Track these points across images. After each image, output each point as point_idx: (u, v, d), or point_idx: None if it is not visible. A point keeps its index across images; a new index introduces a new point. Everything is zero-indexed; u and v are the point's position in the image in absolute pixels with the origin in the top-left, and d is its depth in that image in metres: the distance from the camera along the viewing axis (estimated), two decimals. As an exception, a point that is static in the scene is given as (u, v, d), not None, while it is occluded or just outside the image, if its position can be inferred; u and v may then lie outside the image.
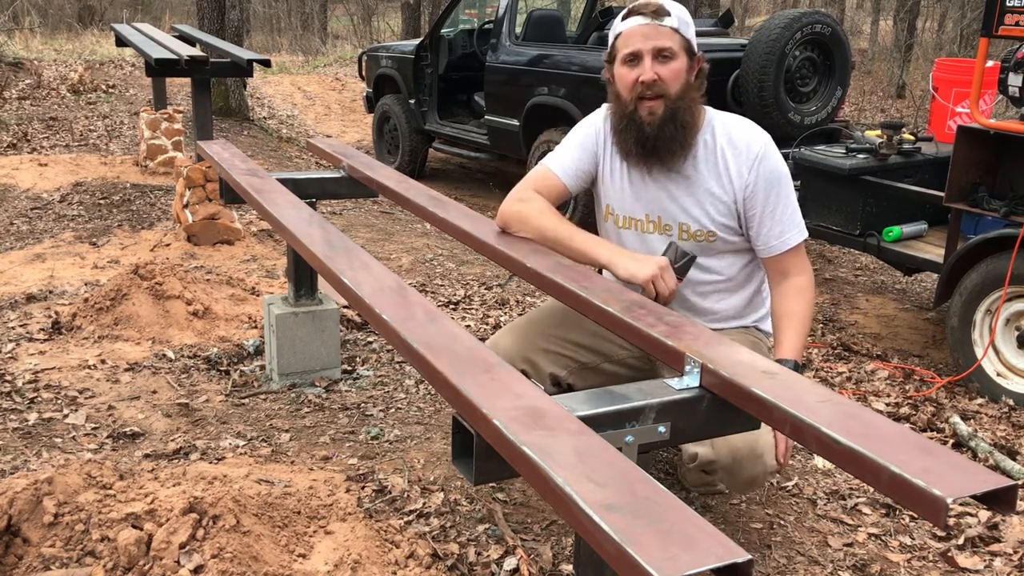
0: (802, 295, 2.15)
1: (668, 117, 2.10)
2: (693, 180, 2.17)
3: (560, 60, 6.32)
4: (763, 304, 2.35)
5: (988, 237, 3.55)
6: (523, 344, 2.29)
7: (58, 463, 2.47)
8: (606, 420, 1.47)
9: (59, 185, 6.35)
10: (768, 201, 2.13)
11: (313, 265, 2.24)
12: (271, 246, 5.09)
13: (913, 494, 1.22)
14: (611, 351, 2.32)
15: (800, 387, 1.52)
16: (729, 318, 2.29)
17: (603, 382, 2.13)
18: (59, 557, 1.93)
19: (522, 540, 2.22)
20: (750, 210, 2.15)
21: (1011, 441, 3.01)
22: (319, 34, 20.74)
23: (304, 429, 2.82)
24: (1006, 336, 3.55)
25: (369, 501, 2.34)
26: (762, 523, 2.41)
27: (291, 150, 9.00)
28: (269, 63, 5.81)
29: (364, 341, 3.58)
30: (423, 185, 2.90)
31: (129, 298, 3.57)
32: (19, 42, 13.68)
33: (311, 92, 12.42)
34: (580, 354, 2.31)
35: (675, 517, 1.13)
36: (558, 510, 1.21)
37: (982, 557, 2.29)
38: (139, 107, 9.19)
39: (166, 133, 6.89)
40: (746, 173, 2.12)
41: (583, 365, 2.32)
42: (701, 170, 2.16)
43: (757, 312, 2.34)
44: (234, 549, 1.91)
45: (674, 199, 2.19)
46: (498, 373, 1.52)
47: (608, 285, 1.98)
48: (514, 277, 4.52)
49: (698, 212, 2.17)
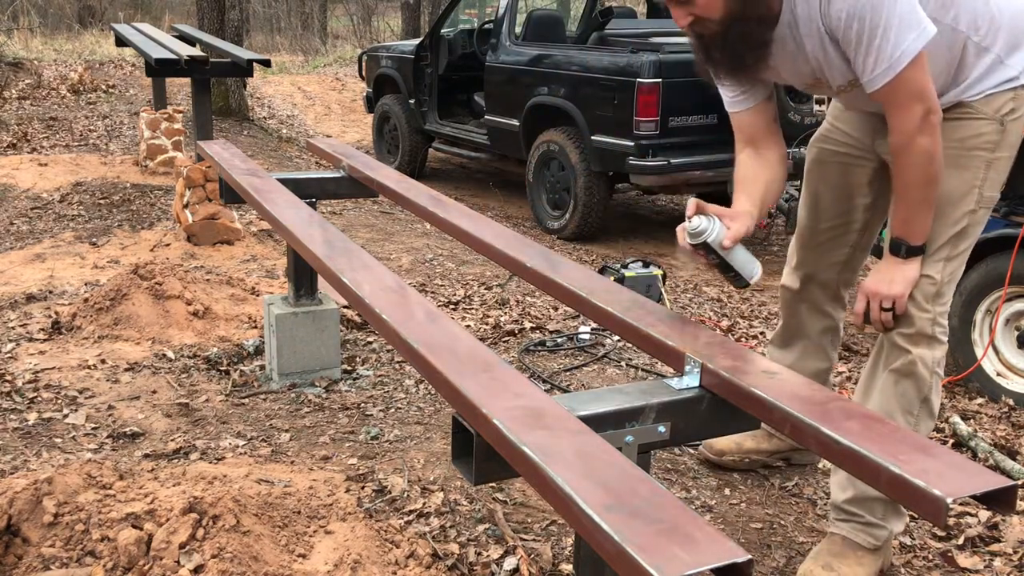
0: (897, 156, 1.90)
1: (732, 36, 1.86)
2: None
3: (560, 60, 6.32)
4: (967, 71, 1.97)
5: (988, 237, 3.55)
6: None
7: (58, 463, 2.47)
8: (606, 420, 1.47)
9: (59, 185, 6.35)
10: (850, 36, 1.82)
11: (313, 265, 2.24)
12: (271, 246, 5.09)
13: (913, 494, 1.22)
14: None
15: (800, 387, 1.52)
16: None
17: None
18: (59, 557, 1.93)
19: (522, 540, 2.22)
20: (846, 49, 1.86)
21: (1011, 441, 3.01)
22: (319, 34, 20.74)
23: (304, 429, 2.82)
24: (1006, 336, 3.55)
25: (369, 501, 2.34)
26: (762, 523, 2.41)
27: (291, 150, 9.01)
28: (269, 63, 5.81)
29: (364, 341, 3.58)
30: (423, 185, 2.90)
31: (129, 298, 3.57)
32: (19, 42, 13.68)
33: (311, 92, 12.43)
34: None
35: (675, 517, 1.13)
36: (558, 510, 1.21)
37: (982, 557, 2.29)
38: (139, 107, 9.19)
39: (166, 133, 6.89)
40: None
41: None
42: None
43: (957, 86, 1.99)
44: (234, 549, 1.91)
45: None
46: (498, 373, 1.52)
47: (608, 285, 1.98)
48: (514, 277, 4.52)
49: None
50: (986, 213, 2.04)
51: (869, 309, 2.06)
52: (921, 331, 2.03)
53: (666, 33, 6.79)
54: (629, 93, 5.66)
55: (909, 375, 2.05)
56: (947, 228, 2.01)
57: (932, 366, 2.05)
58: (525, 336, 3.74)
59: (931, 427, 2.13)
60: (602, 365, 3.47)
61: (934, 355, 2.05)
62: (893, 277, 2.01)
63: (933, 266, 2.01)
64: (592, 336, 3.72)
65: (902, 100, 1.84)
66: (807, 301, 2.43)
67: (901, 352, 2.05)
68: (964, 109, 1.99)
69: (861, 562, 2.10)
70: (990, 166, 1.99)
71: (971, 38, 1.94)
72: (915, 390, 2.06)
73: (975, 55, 1.96)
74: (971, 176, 1.99)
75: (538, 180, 6.47)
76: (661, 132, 5.65)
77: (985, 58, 1.96)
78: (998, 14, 1.95)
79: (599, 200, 6.09)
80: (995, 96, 1.97)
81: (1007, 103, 1.97)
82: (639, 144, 5.65)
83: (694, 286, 5.15)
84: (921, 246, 1.99)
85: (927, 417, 2.10)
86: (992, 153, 1.99)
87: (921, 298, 2.01)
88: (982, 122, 1.98)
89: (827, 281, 2.39)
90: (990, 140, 1.98)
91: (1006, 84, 1.97)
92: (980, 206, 2.01)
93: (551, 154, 6.31)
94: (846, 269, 2.35)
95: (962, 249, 2.04)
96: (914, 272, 2.01)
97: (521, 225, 6.64)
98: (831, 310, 2.43)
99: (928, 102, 1.84)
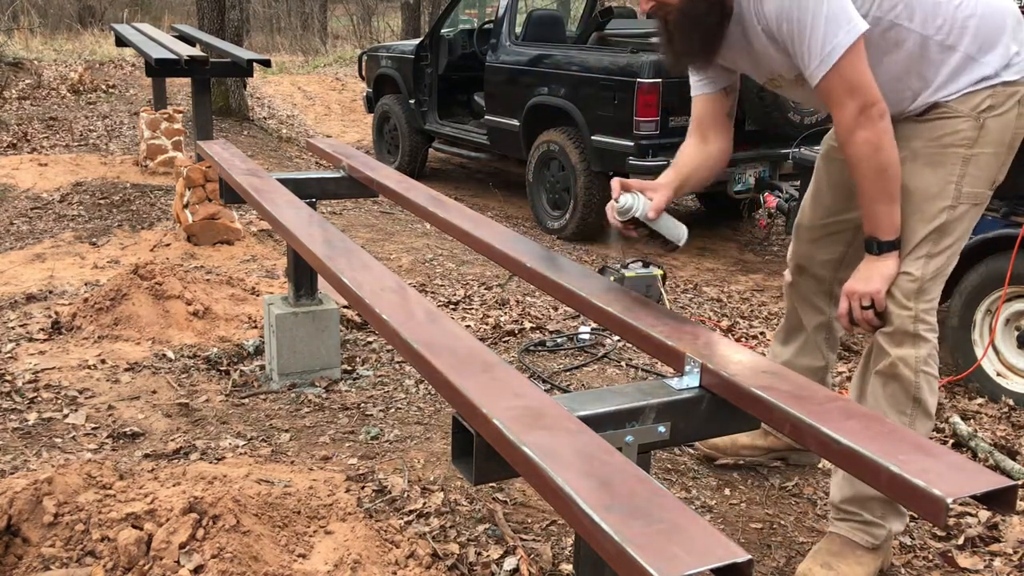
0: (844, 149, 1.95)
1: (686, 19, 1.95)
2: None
3: (560, 60, 6.32)
4: (937, 68, 1.98)
5: (988, 237, 3.55)
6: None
7: (58, 463, 2.47)
8: (606, 420, 1.47)
9: (59, 185, 6.35)
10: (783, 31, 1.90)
11: (313, 265, 2.24)
12: (271, 246, 5.09)
13: (913, 494, 1.22)
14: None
15: (800, 387, 1.52)
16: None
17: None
18: (59, 557, 1.93)
19: (522, 540, 2.22)
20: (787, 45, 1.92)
21: (1011, 441, 3.01)
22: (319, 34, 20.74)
23: (304, 429, 2.82)
24: (1006, 336, 3.55)
25: (369, 501, 2.34)
26: (762, 523, 2.41)
27: (291, 150, 9.01)
28: (269, 63, 5.81)
29: (364, 341, 3.58)
30: (423, 185, 2.90)
31: (129, 298, 3.57)
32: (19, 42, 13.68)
33: (311, 92, 12.42)
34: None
35: (675, 517, 1.13)
36: (558, 510, 1.21)
37: (982, 557, 2.29)
38: (139, 107, 9.19)
39: (166, 133, 6.89)
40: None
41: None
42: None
43: (927, 88, 2.00)
44: (234, 549, 1.91)
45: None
46: (498, 373, 1.52)
47: (609, 285, 1.98)
48: (514, 277, 4.52)
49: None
50: (970, 209, 2.02)
51: (852, 310, 2.06)
52: (901, 329, 2.02)
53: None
54: (629, 93, 5.66)
55: (893, 377, 2.05)
56: (923, 224, 2.00)
57: (916, 365, 2.04)
58: (525, 336, 3.74)
59: (929, 427, 2.12)
60: (602, 365, 3.47)
61: (918, 353, 2.03)
62: (870, 275, 2.02)
63: (913, 263, 2.01)
64: (592, 336, 3.72)
65: (839, 95, 1.88)
66: (800, 292, 2.45)
67: (883, 354, 2.05)
68: (940, 109, 2.00)
69: (860, 561, 2.10)
70: (968, 162, 1.99)
71: (931, 36, 1.96)
72: (903, 392, 2.06)
73: (939, 53, 1.97)
74: (946, 172, 1.99)
75: (538, 180, 6.47)
76: (661, 132, 5.65)
77: (952, 56, 1.97)
78: (957, 11, 1.96)
79: (599, 200, 6.09)
80: (972, 95, 1.98)
81: (985, 100, 1.97)
82: (639, 144, 5.65)
83: (694, 286, 5.15)
84: (893, 241, 2.00)
85: (923, 416, 2.08)
86: (969, 149, 1.98)
87: (900, 295, 2.01)
88: (958, 120, 1.98)
89: (821, 276, 2.40)
90: (967, 136, 1.98)
91: (982, 83, 1.97)
92: (960, 202, 2.00)
93: (551, 154, 6.31)
94: (842, 267, 2.35)
95: (945, 245, 2.02)
96: (890, 268, 2.01)
97: (521, 225, 6.63)
98: (823, 306, 2.44)
99: (864, 97, 1.87)
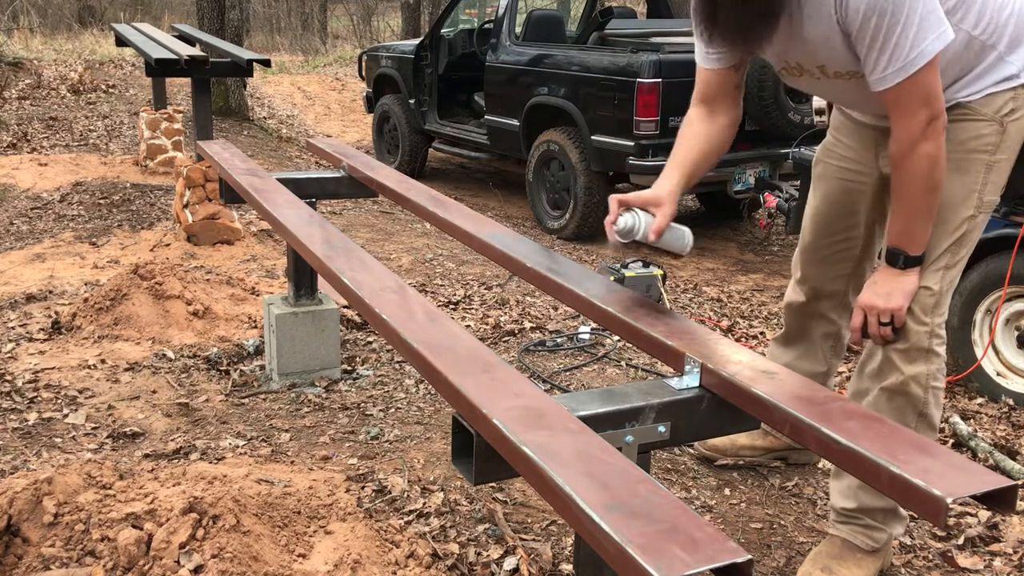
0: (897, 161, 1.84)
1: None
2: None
3: (560, 60, 6.32)
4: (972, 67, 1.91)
5: (988, 237, 3.55)
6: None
7: (58, 463, 2.47)
8: (606, 420, 1.47)
9: (59, 185, 6.35)
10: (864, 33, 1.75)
11: (313, 265, 2.24)
12: (271, 246, 5.09)
13: (913, 494, 1.22)
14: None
15: (800, 387, 1.52)
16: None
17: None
18: (59, 557, 1.93)
19: (522, 540, 2.22)
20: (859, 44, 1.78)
21: (1011, 441, 3.01)
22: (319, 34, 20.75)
23: (304, 429, 2.82)
24: (1006, 336, 3.55)
25: (369, 501, 2.34)
26: (762, 523, 2.41)
27: (291, 150, 9.01)
28: (269, 63, 5.81)
29: (364, 341, 3.58)
30: (423, 185, 2.90)
31: (129, 298, 3.57)
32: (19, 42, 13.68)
33: (311, 92, 12.42)
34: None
35: (675, 517, 1.13)
36: (558, 510, 1.21)
37: (982, 557, 2.29)
38: (139, 107, 9.19)
39: (166, 133, 6.89)
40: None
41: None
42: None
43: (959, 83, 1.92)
44: (234, 549, 1.91)
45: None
46: (498, 373, 1.52)
47: (608, 285, 1.98)
48: (514, 277, 4.52)
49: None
50: (986, 218, 1.97)
51: (867, 324, 1.99)
52: (917, 345, 1.96)
53: (666, 33, 6.79)
54: (629, 93, 5.66)
55: (902, 394, 2.00)
56: (947, 236, 1.93)
57: (927, 382, 1.99)
58: (525, 336, 3.74)
59: (932, 438, 2.08)
60: (602, 365, 3.47)
61: (929, 369, 1.98)
62: (891, 289, 1.93)
63: (932, 276, 1.94)
64: (592, 336, 3.72)
65: (909, 104, 1.76)
66: (815, 313, 2.39)
67: (894, 370, 1.99)
68: (962, 110, 1.92)
69: (860, 564, 2.10)
70: (990, 169, 1.93)
71: (977, 36, 1.88)
72: (910, 407, 2.01)
73: (980, 52, 1.90)
74: (971, 180, 1.92)
75: (538, 180, 6.47)
76: (661, 132, 5.65)
77: (989, 55, 1.90)
78: (1000, 11, 1.89)
79: (599, 200, 6.09)
80: (995, 96, 1.91)
81: (1007, 103, 1.91)
82: (639, 144, 5.65)
83: (694, 286, 5.15)
84: (920, 256, 1.92)
85: (927, 429, 2.04)
86: (992, 156, 1.93)
87: (919, 311, 1.94)
88: (982, 123, 1.91)
89: (835, 291, 2.35)
90: (990, 142, 1.92)
91: (1006, 83, 1.90)
92: (980, 211, 1.95)
93: (551, 154, 6.31)
94: (854, 276, 2.31)
95: (961, 256, 1.97)
96: (913, 284, 1.93)
97: (521, 225, 6.63)
98: (836, 317, 2.39)
99: (935, 107, 1.77)
